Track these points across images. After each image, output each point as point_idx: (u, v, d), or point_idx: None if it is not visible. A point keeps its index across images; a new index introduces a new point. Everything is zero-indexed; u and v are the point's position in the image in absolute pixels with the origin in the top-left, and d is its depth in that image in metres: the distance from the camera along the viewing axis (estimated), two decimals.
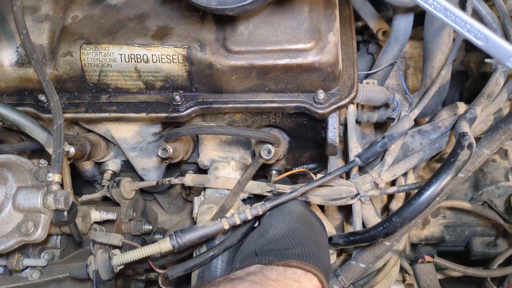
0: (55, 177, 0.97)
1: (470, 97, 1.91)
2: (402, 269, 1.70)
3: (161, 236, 1.47)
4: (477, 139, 1.29)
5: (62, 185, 1.01)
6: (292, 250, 0.99)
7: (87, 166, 1.45)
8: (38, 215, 0.98)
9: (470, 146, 0.99)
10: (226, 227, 1.06)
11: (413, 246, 1.86)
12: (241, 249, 1.13)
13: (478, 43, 0.80)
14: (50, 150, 1.04)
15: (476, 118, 1.18)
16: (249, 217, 1.07)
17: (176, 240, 1.05)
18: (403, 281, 1.71)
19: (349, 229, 1.58)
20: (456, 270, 1.48)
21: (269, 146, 1.14)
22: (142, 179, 1.42)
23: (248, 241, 1.12)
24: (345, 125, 1.43)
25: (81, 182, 1.58)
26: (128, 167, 1.45)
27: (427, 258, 1.41)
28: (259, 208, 1.08)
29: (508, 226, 1.59)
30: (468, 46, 1.94)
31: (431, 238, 1.76)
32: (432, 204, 1.00)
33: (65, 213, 1.00)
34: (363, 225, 1.42)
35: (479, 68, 1.96)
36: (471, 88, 1.95)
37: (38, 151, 1.20)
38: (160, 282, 1.31)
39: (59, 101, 1.05)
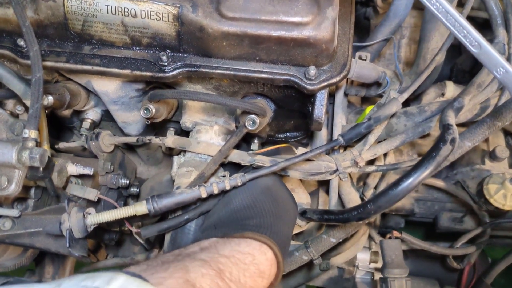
0: (31, 133, 0.93)
1: (460, 74, 1.91)
2: (370, 237, 1.76)
3: (138, 190, 1.47)
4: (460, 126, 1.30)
5: (39, 140, 0.98)
6: (250, 221, 1.00)
7: (66, 113, 1.41)
8: (12, 169, 0.96)
9: (453, 141, 0.99)
10: (204, 195, 1.07)
11: (383, 214, 1.92)
12: (208, 215, 1.14)
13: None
14: (27, 102, 1.00)
15: (463, 108, 1.18)
16: (228, 188, 1.08)
17: (152, 204, 1.05)
18: (369, 248, 1.78)
19: (323, 196, 1.61)
20: (422, 247, 1.54)
21: (254, 117, 1.12)
22: (122, 131, 1.39)
23: (214, 208, 1.13)
24: (333, 96, 1.41)
25: (59, 125, 1.54)
26: (108, 117, 1.41)
27: (395, 233, 1.45)
28: (238, 179, 1.08)
29: (476, 207, 1.64)
30: None
31: (401, 210, 1.80)
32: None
33: (41, 169, 0.98)
34: (339, 195, 1.44)
35: None
36: (462, 64, 1.93)
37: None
38: (134, 233, 1.32)
39: (39, 51, 1.00)
